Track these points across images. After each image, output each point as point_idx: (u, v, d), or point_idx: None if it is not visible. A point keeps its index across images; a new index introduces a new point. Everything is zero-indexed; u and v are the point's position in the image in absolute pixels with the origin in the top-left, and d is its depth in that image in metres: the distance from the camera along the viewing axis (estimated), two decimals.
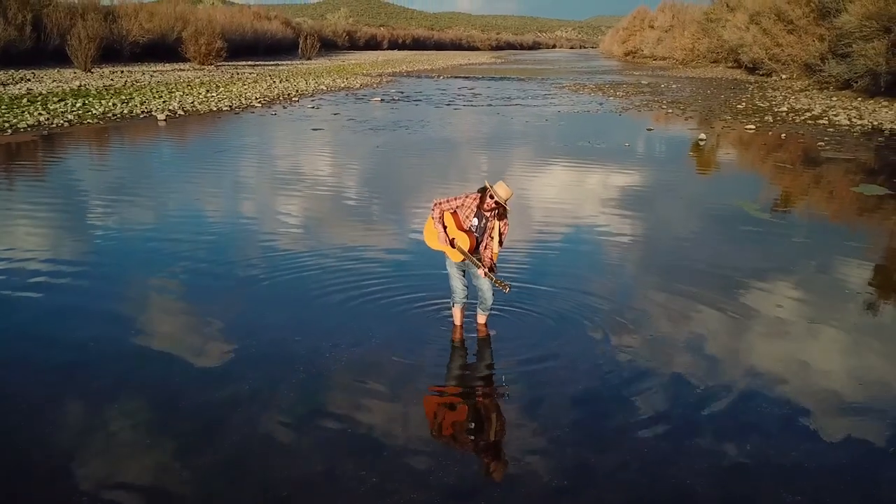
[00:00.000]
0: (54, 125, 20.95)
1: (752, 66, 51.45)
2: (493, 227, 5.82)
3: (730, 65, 61.01)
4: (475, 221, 5.85)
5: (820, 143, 18.64)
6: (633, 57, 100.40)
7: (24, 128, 20.08)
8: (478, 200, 5.84)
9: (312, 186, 13.49)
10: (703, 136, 20.04)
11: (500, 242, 5.88)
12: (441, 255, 6.15)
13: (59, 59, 44.61)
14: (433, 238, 6.05)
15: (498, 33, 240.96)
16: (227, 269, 8.13)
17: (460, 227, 5.90)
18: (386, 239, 9.64)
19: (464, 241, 5.83)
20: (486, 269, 5.75)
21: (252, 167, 15.53)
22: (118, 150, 18.30)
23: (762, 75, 48.66)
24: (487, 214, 5.80)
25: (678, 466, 4.37)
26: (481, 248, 5.89)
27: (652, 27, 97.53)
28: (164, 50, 55.54)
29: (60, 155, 16.86)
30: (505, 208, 5.77)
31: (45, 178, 14.21)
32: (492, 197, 5.70)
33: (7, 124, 20.29)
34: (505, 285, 5.66)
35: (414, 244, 9.00)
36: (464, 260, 5.89)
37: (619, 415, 4.99)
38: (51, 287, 7.51)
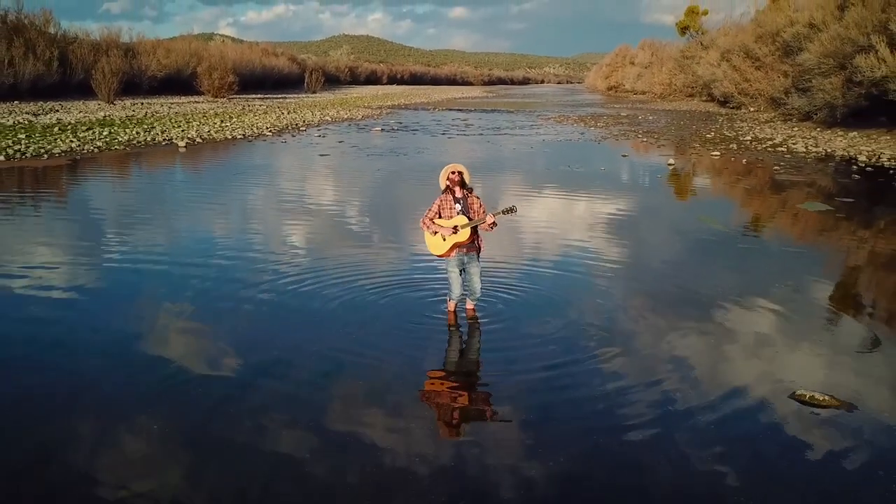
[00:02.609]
0: (85, 151, 21.88)
1: (723, 99, 52.75)
2: (472, 202, 6.88)
3: (704, 98, 62.34)
4: (458, 207, 6.82)
5: (776, 168, 19.67)
6: (616, 91, 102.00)
7: (58, 153, 21.00)
8: (449, 193, 6.86)
9: (319, 204, 14.41)
10: (671, 161, 21.07)
11: (483, 209, 6.92)
12: (434, 268, 7.04)
13: (84, 91, 45.71)
14: (437, 246, 6.93)
15: (490, 69, 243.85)
16: (243, 275, 9.01)
17: (449, 218, 6.86)
18: (386, 248, 10.54)
19: (462, 221, 6.78)
20: (492, 216, 6.73)
21: (267, 187, 16.44)
22: (145, 172, 19.23)
23: (732, 108, 49.94)
24: (459, 194, 6.82)
25: (622, 410, 5.26)
26: (473, 217, 6.86)
27: (633, 64, 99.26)
28: (179, 84, 56.76)
29: (92, 177, 17.76)
30: (464, 180, 6.84)
31: (80, 196, 15.10)
32: (453, 173, 6.81)
33: (43, 150, 21.22)
34: (509, 210, 6.83)
35: (410, 252, 9.90)
36: (468, 246, 6.85)
37: (580, 375, 5.89)
38: (83, 293, 8.26)
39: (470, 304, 7.23)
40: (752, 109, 46.89)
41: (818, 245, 11.40)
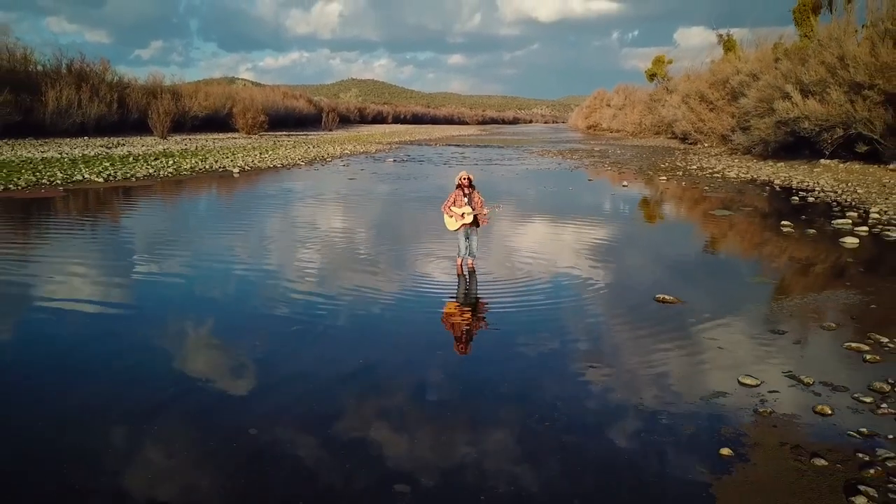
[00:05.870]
0: (161, 175, 25.27)
1: (683, 136, 56.55)
2: (474, 196, 10.07)
3: (668, 136, 66.01)
4: (465, 199, 10.12)
5: (706, 188, 23.15)
6: (594, 130, 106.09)
7: (141, 177, 24.41)
8: (460, 189, 10.09)
9: (354, 211, 17.80)
10: (625, 182, 24.56)
11: (482, 203, 10.18)
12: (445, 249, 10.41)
13: (138, 128, 49.36)
14: (451, 224, 10.24)
15: (484, 110, 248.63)
16: (291, 267, 12.37)
17: (460, 207, 10.18)
18: (404, 243, 13.91)
19: (468, 211, 10.09)
20: (487, 209, 10.03)
21: (314, 200, 19.79)
22: (213, 191, 22.62)
23: (690, 144, 53.68)
24: (467, 191, 10.07)
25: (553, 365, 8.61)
26: (475, 208, 10.15)
27: (609, 105, 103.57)
28: (217, 122, 60.52)
29: (174, 193, 21.14)
30: (471, 181, 10.09)
31: (170, 206, 18.48)
32: (465, 178, 10.02)
33: (129, 174, 24.64)
34: (495, 206, 10.01)
35: (425, 248, 13.27)
36: (475, 221, 10.14)
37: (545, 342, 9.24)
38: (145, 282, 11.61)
39: (470, 261, 10.55)
40: (706, 145, 50.58)
41: (710, 229, 14.83)
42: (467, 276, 10.14)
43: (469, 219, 10.13)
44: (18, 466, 4.57)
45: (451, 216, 10.16)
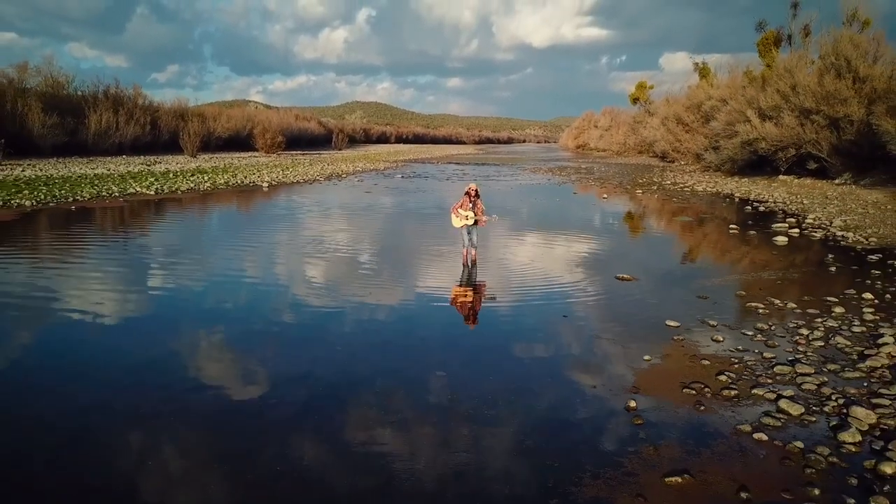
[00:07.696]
0: (202, 189, 27.47)
1: (662, 155, 59.02)
2: (477, 204, 12.30)
3: (650, 155, 68.56)
4: (470, 205, 12.37)
5: (674, 199, 25.45)
6: (583, 149, 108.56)
7: (184, 190, 26.61)
8: (467, 197, 12.33)
9: (374, 216, 20.04)
10: (605, 195, 26.85)
11: (482, 210, 12.41)
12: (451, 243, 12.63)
13: (168, 148, 51.63)
14: (456, 222, 12.50)
15: (480, 131, 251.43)
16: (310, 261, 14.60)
17: (465, 210, 12.44)
18: (418, 242, 16.16)
19: (471, 214, 12.33)
20: (486, 218, 12.26)
21: (341, 209, 22.04)
22: (251, 201, 24.83)
23: (668, 162, 56.10)
24: (473, 199, 12.31)
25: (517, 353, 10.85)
26: (476, 214, 12.39)
27: (596, 126, 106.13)
28: (238, 142, 62.89)
29: (216, 203, 23.36)
30: (477, 192, 12.33)
31: (215, 213, 20.69)
32: (473, 189, 12.26)
33: (174, 188, 26.85)
34: (493, 218, 12.24)
35: (434, 246, 15.51)
36: (474, 223, 12.37)
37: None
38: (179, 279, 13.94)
39: (473, 251, 12.77)
40: (682, 163, 52.95)
41: (671, 231, 17.08)
42: (469, 266, 12.33)
43: (470, 221, 12.37)
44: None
45: (458, 216, 12.39)
